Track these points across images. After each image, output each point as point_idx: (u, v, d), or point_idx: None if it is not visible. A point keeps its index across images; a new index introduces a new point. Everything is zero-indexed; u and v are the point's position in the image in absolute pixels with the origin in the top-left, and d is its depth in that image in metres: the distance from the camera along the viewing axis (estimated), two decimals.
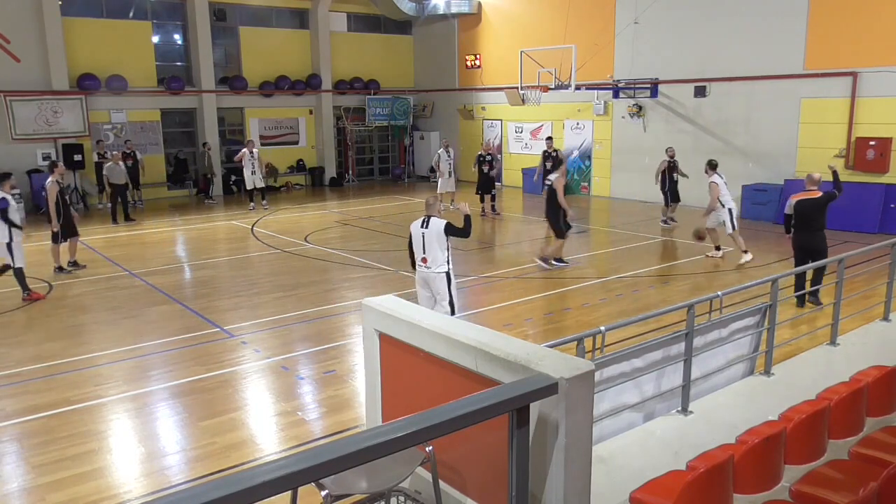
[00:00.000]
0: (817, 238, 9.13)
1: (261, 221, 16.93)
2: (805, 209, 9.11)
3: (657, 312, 5.86)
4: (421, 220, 7.86)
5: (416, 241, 7.88)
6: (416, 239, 7.87)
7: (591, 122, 20.59)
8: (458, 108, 24.53)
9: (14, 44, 18.46)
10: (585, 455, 3.20)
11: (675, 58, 18.00)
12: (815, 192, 9.22)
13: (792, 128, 16.07)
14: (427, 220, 7.78)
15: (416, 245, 7.88)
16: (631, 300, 9.93)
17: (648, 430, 5.05)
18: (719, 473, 3.50)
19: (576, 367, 3.14)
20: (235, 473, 1.93)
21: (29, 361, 7.74)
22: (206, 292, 10.63)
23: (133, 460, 5.62)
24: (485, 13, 23.33)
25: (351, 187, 24.29)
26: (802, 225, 9.15)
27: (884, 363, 5.23)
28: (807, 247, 9.17)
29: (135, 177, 19.02)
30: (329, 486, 3.14)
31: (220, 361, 7.72)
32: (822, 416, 4.21)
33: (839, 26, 15.03)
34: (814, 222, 9.11)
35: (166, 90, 21.02)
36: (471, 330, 3.78)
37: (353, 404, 6.54)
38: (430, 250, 7.74)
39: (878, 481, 3.45)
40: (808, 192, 9.25)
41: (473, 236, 15.00)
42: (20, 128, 18.65)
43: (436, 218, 7.78)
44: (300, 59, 23.68)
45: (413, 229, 7.94)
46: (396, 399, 4.34)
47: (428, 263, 7.78)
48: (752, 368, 6.17)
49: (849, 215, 14.73)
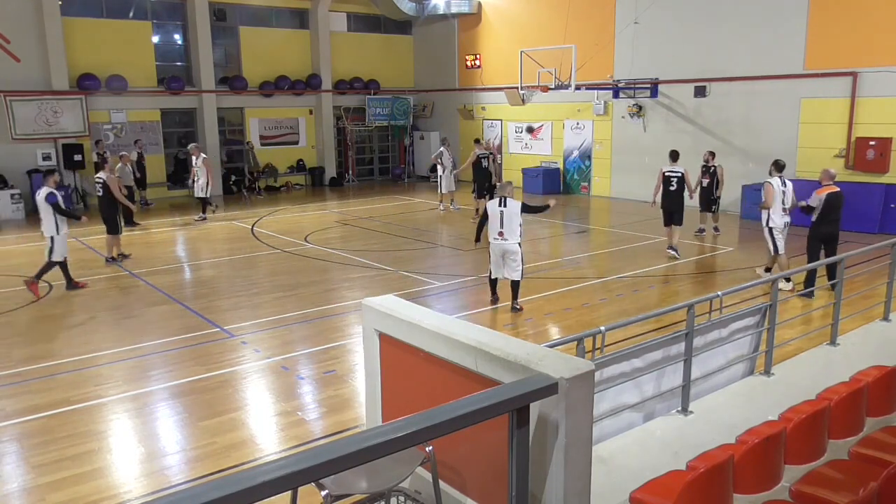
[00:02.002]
0: (836, 227, 9.96)
1: (261, 221, 16.93)
2: (833, 201, 9.82)
3: (657, 312, 5.86)
4: (498, 200, 9.13)
5: (493, 218, 9.12)
6: (494, 216, 9.11)
7: (591, 122, 20.60)
8: (458, 108, 24.53)
9: (14, 44, 18.46)
10: (585, 455, 3.20)
11: (675, 58, 18.01)
12: (833, 186, 9.91)
13: (792, 128, 16.07)
14: (504, 200, 9.06)
15: (492, 221, 9.13)
16: (631, 300, 9.93)
17: (648, 430, 5.05)
18: (719, 473, 3.50)
19: (576, 367, 3.14)
20: (235, 473, 1.93)
21: (29, 361, 7.74)
22: (206, 292, 10.64)
23: (133, 460, 5.62)
24: (485, 13, 23.34)
25: (351, 187, 24.30)
26: (829, 216, 9.84)
27: (884, 363, 5.23)
28: (828, 236, 9.94)
29: (143, 177, 19.17)
30: (329, 486, 3.14)
31: (220, 361, 7.72)
32: (822, 416, 4.21)
33: (839, 26, 15.03)
34: (837, 212, 9.91)
35: (166, 90, 21.02)
36: (471, 330, 3.77)
37: (353, 404, 6.54)
38: (508, 225, 9.03)
39: (878, 481, 3.45)
40: (829, 187, 9.89)
41: (472, 236, 15.02)
42: (20, 128, 18.66)
43: (511, 199, 9.08)
44: (300, 59, 23.68)
45: (491, 208, 9.17)
46: (396, 399, 4.34)
47: (505, 236, 9.07)
48: (752, 368, 6.17)
49: (849, 215, 14.65)
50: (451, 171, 17.84)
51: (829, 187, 9.86)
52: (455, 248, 13.70)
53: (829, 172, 10.02)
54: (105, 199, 12.47)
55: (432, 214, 17.89)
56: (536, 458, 3.15)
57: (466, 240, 14.55)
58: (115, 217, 12.47)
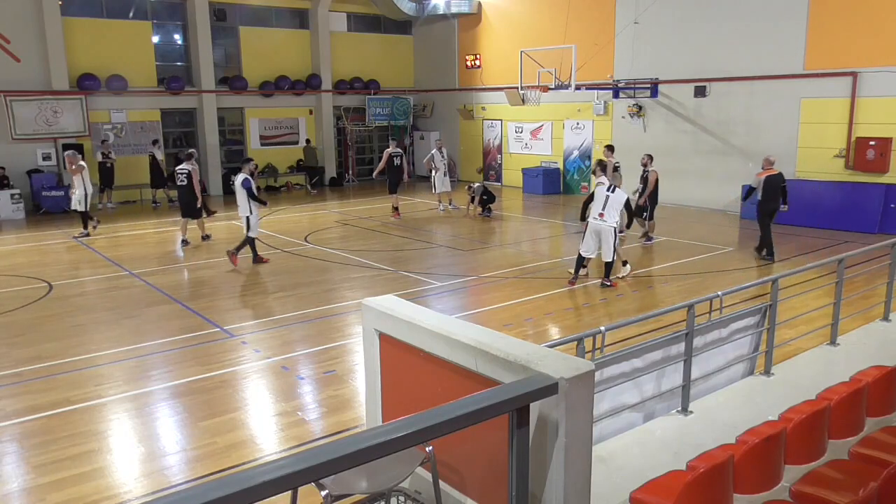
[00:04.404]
0: (777, 203, 11.95)
1: (260, 222, 16.90)
2: (773, 182, 11.85)
3: (657, 312, 5.86)
4: (608, 186, 10.19)
5: (598, 200, 10.21)
6: (600, 199, 10.20)
7: (591, 122, 20.59)
8: (458, 108, 24.53)
9: (14, 44, 18.47)
10: (585, 455, 3.20)
11: (675, 58, 18.00)
12: (773, 169, 11.92)
13: (792, 128, 16.07)
14: (613, 188, 10.17)
15: (597, 203, 10.20)
16: (631, 300, 9.93)
17: (648, 430, 5.05)
18: (719, 473, 3.50)
19: (576, 367, 3.14)
20: (235, 473, 1.93)
21: (29, 361, 7.74)
22: (206, 292, 10.64)
23: (133, 460, 5.62)
24: (485, 13, 23.33)
25: (351, 187, 24.29)
26: (772, 195, 11.83)
27: (884, 363, 5.23)
28: (772, 210, 11.95)
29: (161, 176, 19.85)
30: (329, 486, 3.14)
31: (220, 361, 7.72)
32: (822, 416, 4.21)
33: (839, 26, 15.03)
34: (777, 191, 11.87)
35: (166, 90, 21.02)
36: (471, 330, 3.77)
37: (353, 404, 6.54)
38: (609, 210, 10.08)
39: (878, 481, 3.45)
40: (769, 170, 11.93)
41: (472, 236, 15.02)
42: (20, 128, 18.67)
43: (620, 189, 10.20)
44: (300, 59, 23.68)
45: (599, 191, 10.26)
46: (396, 399, 4.34)
47: (604, 218, 10.08)
48: (752, 368, 6.17)
49: (849, 215, 14.75)
50: (445, 174, 18.16)
51: (769, 171, 11.87)
52: (455, 248, 13.70)
53: (768, 159, 12.05)
54: (187, 188, 13.85)
55: (432, 214, 17.90)
56: (536, 458, 3.15)
57: (466, 240, 14.56)
58: (195, 203, 13.93)
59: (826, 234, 14.26)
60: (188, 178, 13.82)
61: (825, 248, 13.00)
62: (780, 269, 11.14)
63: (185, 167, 13.96)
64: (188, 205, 13.97)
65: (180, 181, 13.97)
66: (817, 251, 12.67)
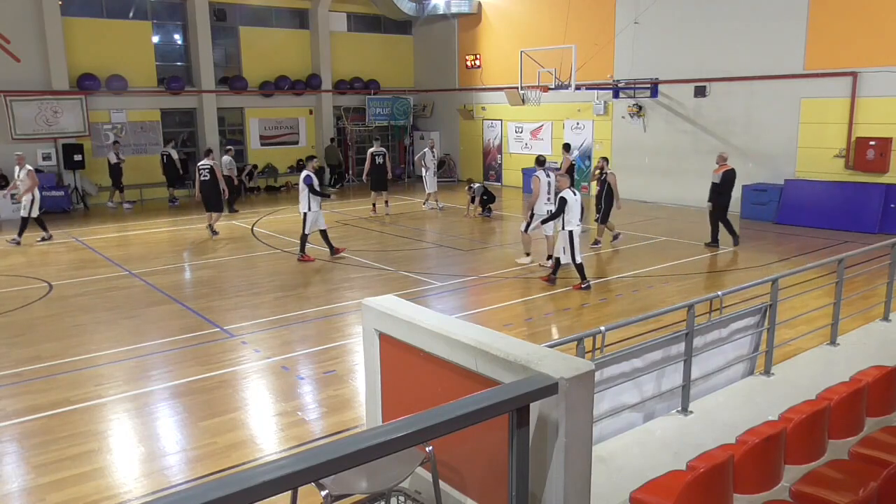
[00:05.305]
0: (730, 197, 12.96)
1: (261, 221, 16.93)
2: (729, 177, 12.78)
3: (657, 312, 5.85)
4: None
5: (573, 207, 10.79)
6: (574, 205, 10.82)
7: (591, 122, 20.59)
8: (458, 108, 24.53)
9: (14, 44, 18.47)
10: (585, 455, 3.20)
11: (675, 58, 18.00)
12: (727, 165, 12.83)
13: (792, 128, 16.06)
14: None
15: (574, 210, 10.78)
16: (631, 300, 9.93)
17: (648, 430, 5.05)
18: (719, 473, 3.50)
19: (576, 367, 3.14)
20: (235, 473, 1.93)
21: (29, 361, 7.74)
22: (206, 292, 10.63)
23: (133, 460, 5.62)
24: (485, 13, 23.33)
25: (351, 187, 24.29)
26: (727, 189, 12.82)
27: (884, 363, 5.23)
28: (726, 203, 12.88)
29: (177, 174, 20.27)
30: (329, 486, 3.14)
31: (220, 361, 7.72)
32: (822, 416, 4.21)
33: (839, 26, 15.03)
34: (731, 186, 12.84)
35: (166, 90, 21.02)
36: (471, 330, 3.77)
37: (353, 404, 6.54)
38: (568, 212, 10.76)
39: (878, 481, 3.45)
40: (724, 167, 12.81)
41: (472, 236, 15.01)
42: (20, 128, 18.66)
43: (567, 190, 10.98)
44: (300, 59, 23.68)
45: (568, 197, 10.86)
46: (396, 399, 4.34)
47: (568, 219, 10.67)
48: (752, 368, 6.17)
49: (848, 215, 14.75)
50: (434, 174, 18.45)
51: (724, 167, 12.78)
52: (455, 248, 13.70)
53: (722, 156, 13.04)
54: (211, 182, 14.49)
55: (431, 214, 17.91)
56: (536, 458, 3.15)
57: (466, 240, 14.55)
58: (219, 198, 14.67)
59: (826, 234, 14.26)
60: (211, 172, 14.50)
61: (825, 248, 13.00)
62: (780, 269, 11.13)
63: (207, 162, 14.59)
64: (211, 199, 14.62)
65: (203, 176, 14.54)
66: (817, 251, 12.66)
